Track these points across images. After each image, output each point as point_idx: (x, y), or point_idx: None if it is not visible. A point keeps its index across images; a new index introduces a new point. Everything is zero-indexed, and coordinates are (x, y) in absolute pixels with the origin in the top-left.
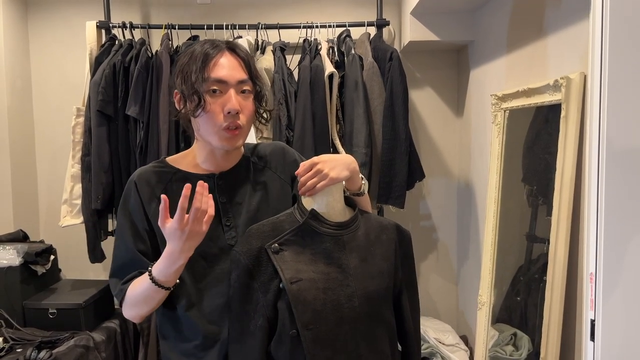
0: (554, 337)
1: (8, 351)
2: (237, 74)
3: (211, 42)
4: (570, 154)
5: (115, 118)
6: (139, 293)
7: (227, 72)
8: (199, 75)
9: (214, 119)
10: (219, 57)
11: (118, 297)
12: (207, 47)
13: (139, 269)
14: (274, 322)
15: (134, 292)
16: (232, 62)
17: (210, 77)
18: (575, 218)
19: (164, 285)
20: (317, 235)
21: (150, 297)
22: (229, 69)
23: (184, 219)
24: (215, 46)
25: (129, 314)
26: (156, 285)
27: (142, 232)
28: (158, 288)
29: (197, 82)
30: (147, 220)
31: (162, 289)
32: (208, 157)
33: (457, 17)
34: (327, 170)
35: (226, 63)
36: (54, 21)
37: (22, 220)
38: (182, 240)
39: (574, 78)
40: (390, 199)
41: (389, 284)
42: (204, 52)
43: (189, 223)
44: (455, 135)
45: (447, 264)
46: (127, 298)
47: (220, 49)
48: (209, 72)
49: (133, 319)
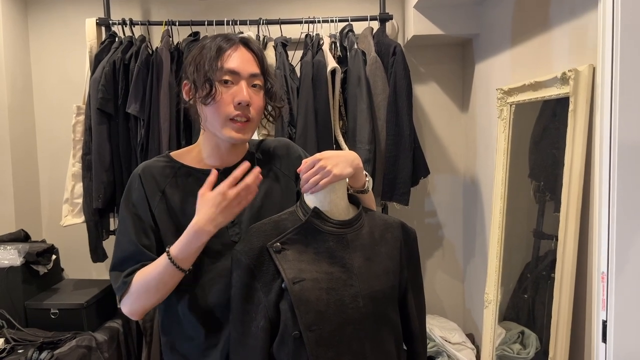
0: (562, 336)
1: (9, 352)
2: (249, 67)
3: (224, 36)
4: (579, 148)
5: (116, 116)
6: (152, 278)
7: (239, 64)
8: (212, 64)
9: (224, 109)
10: (232, 50)
11: (119, 290)
12: (220, 40)
13: (142, 262)
14: (276, 323)
15: (144, 279)
16: (245, 55)
17: (224, 67)
18: (584, 214)
19: (181, 266)
20: (320, 234)
21: (162, 283)
22: (241, 62)
23: (232, 187)
24: (229, 40)
25: (131, 308)
26: (174, 265)
27: (146, 226)
28: (174, 270)
29: (210, 71)
30: (152, 215)
31: (178, 270)
32: (213, 152)
33: (461, 10)
34: (330, 167)
35: (239, 56)
36: (53, 19)
37: (24, 219)
38: (215, 208)
39: (582, 71)
40: (395, 195)
41: (394, 283)
42: (218, 44)
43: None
44: (460, 130)
45: (453, 262)
46: (133, 289)
47: (234, 42)
48: (222, 62)
49: (135, 313)
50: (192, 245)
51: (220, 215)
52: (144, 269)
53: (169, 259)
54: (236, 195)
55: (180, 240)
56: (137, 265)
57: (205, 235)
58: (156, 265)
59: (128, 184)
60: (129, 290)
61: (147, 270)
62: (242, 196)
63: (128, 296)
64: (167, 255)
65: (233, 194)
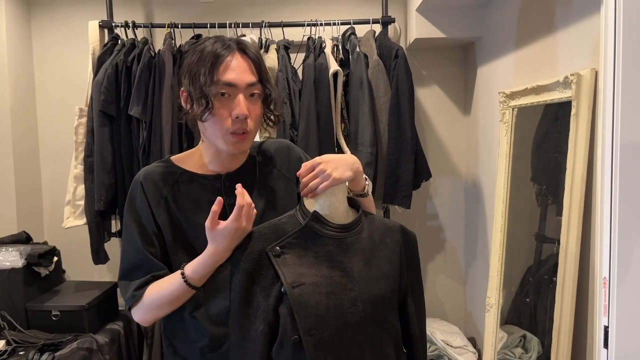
0: (564, 341)
1: (10, 354)
2: (246, 76)
3: (222, 41)
4: (581, 152)
5: (118, 118)
6: (165, 295)
7: (236, 76)
8: (208, 78)
9: (221, 123)
10: (229, 59)
11: (128, 302)
12: (217, 47)
13: (150, 271)
14: (276, 327)
15: (157, 295)
16: (242, 64)
17: (220, 80)
18: (586, 219)
19: (195, 284)
20: (320, 237)
21: (177, 298)
22: (238, 72)
23: (240, 217)
24: (226, 46)
25: (143, 317)
26: (188, 284)
27: (151, 234)
28: (189, 288)
29: (205, 85)
30: (155, 223)
31: (192, 288)
32: (214, 158)
33: (463, 13)
34: (330, 170)
35: (236, 65)
36: (56, 21)
37: (25, 221)
38: (230, 239)
39: (585, 75)
40: (397, 198)
41: (394, 287)
42: (214, 52)
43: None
44: (462, 133)
45: (455, 265)
46: (145, 302)
47: (230, 49)
48: (218, 75)
49: (147, 322)
50: (208, 267)
51: (234, 241)
52: (156, 285)
53: (184, 279)
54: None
55: (196, 261)
56: (146, 277)
57: (224, 257)
58: (170, 283)
59: (130, 191)
60: (141, 303)
61: (160, 286)
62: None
63: (139, 307)
64: (181, 275)
65: (244, 222)
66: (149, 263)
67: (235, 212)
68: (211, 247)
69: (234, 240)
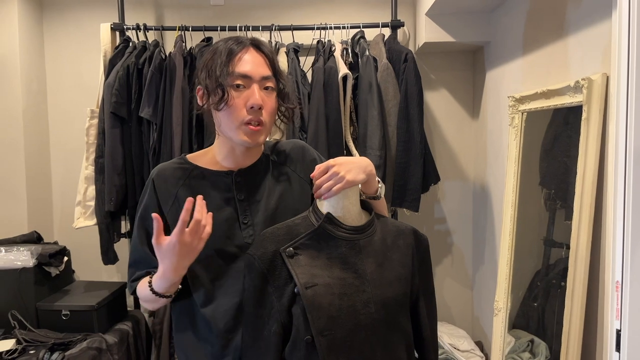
0: (574, 346)
1: (21, 352)
2: (261, 69)
3: (235, 38)
4: (592, 157)
5: (129, 120)
6: (144, 295)
7: (251, 67)
8: (224, 69)
9: (237, 114)
10: (243, 53)
11: (129, 290)
12: (231, 43)
13: (148, 267)
14: (289, 328)
15: (140, 292)
16: (256, 58)
17: (235, 72)
18: (596, 223)
19: (164, 295)
20: (333, 239)
21: (153, 301)
22: (253, 65)
23: (184, 232)
24: (239, 42)
25: (144, 305)
26: (156, 294)
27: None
28: (158, 297)
29: (221, 76)
30: (164, 219)
31: (162, 298)
32: (228, 155)
33: (473, 17)
34: (343, 172)
35: (250, 59)
36: (68, 23)
37: (36, 221)
38: (177, 257)
39: (596, 79)
40: (405, 202)
41: (406, 290)
42: (229, 47)
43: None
44: (470, 137)
45: (463, 269)
46: (138, 294)
47: (244, 45)
48: (233, 67)
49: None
50: (168, 284)
51: (182, 260)
52: (140, 284)
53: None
54: (190, 236)
55: (155, 277)
56: (143, 272)
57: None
58: (144, 287)
59: (144, 188)
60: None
61: (140, 287)
62: (199, 232)
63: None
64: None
65: (187, 238)
66: (148, 259)
67: (178, 227)
68: (162, 267)
69: (180, 258)
